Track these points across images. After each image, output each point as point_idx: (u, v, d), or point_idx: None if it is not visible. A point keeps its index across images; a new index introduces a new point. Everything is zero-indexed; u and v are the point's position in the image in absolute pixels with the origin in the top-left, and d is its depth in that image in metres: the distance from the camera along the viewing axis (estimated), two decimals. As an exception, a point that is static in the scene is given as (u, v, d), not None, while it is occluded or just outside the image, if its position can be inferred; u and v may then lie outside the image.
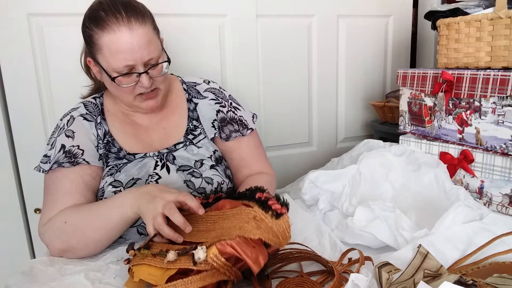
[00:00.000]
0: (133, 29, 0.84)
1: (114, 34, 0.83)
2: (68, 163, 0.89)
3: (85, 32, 0.89)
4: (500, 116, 0.93)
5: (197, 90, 1.07)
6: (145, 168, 0.94)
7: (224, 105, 1.06)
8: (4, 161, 1.26)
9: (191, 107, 1.05)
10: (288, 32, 1.53)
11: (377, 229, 0.83)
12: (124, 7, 0.86)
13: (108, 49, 0.85)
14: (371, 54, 1.70)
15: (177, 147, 1.00)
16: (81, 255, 0.84)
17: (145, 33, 0.86)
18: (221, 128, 1.05)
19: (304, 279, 0.72)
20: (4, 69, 1.21)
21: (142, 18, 0.87)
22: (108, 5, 0.86)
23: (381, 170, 1.03)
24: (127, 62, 0.85)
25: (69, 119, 0.95)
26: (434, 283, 0.56)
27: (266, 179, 1.04)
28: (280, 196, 0.70)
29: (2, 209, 1.28)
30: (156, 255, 0.67)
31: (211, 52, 1.43)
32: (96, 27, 0.85)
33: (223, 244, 0.63)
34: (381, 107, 1.61)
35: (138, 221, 0.91)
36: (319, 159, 1.66)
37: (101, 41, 0.85)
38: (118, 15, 0.84)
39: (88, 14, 0.89)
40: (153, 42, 0.88)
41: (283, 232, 0.66)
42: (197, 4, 1.38)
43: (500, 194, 0.95)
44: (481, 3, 1.09)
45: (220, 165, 1.02)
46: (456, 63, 1.09)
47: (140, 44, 0.85)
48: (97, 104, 0.99)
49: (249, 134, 1.07)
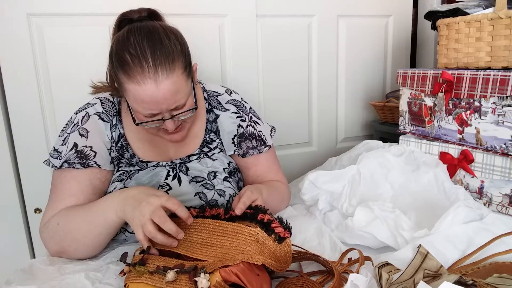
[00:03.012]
0: (159, 82, 0.78)
1: (139, 86, 0.78)
2: (79, 164, 0.87)
3: (111, 67, 0.83)
4: (500, 116, 0.93)
5: (218, 101, 1.02)
6: (156, 178, 0.92)
7: (245, 119, 1.03)
8: (4, 161, 1.26)
9: (210, 118, 1.01)
10: (288, 32, 1.53)
11: (377, 230, 0.83)
12: (151, 51, 0.78)
13: (133, 96, 0.80)
14: (371, 54, 1.70)
15: (191, 158, 0.97)
16: (76, 257, 0.83)
17: (172, 83, 0.79)
18: (239, 144, 1.02)
19: (304, 279, 0.72)
20: (4, 69, 1.21)
21: (171, 65, 0.79)
22: (135, 47, 0.78)
23: (381, 170, 1.03)
24: (151, 111, 0.81)
25: (84, 116, 0.91)
26: (434, 283, 0.56)
27: (284, 188, 1.05)
28: (283, 219, 0.69)
29: (2, 209, 1.28)
30: (153, 273, 0.66)
31: (211, 52, 1.43)
32: (122, 71, 0.79)
33: (228, 272, 0.61)
34: (381, 107, 1.61)
35: None
36: (319, 159, 1.66)
37: (126, 86, 0.80)
38: (145, 64, 0.77)
39: (115, 49, 0.82)
40: (180, 90, 0.81)
41: (284, 256, 0.66)
42: (197, 4, 1.38)
43: (500, 194, 0.95)
44: (481, 3, 1.09)
45: (233, 177, 0.99)
46: (456, 63, 1.09)
47: (166, 96, 0.79)
48: (114, 103, 0.95)
49: (266, 150, 1.04)
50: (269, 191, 0.93)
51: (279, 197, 1.02)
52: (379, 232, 0.83)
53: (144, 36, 0.80)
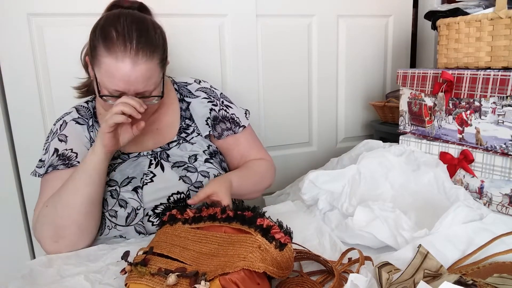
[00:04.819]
0: (137, 63, 0.83)
1: (116, 62, 0.82)
2: (62, 166, 0.91)
3: (92, 38, 0.87)
4: (500, 116, 0.93)
5: (188, 89, 1.07)
6: (139, 167, 0.94)
7: (216, 103, 1.06)
8: (4, 161, 1.26)
9: (183, 106, 1.05)
10: (288, 32, 1.53)
11: (377, 229, 0.83)
12: (137, 35, 0.84)
13: (105, 69, 0.84)
14: (371, 54, 1.70)
15: (171, 145, 1.00)
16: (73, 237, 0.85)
17: (147, 69, 0.85)
18: (213, 126, 1.05)
19: (304, 279, 0.72)
20: (4, 69, 1.21)
21: (151, 53, 0.85)
22: (123, 27, 0.84)
23: (381, 170, 1.03)
24: (118, 88, 0.85)
25: (61, 124, 0.97)
26: (434, 283, 0.56)
27: (265, 165, 1.07)
28: (283, 224, 0.69)
29: (2, 209, 1.28)
30: (154, 275, 0.66)
31: (211, 52, 1.43)
32: (103, 44, 0.83)
33: (227, 281, 0.61)
34: (381, 107, 1.61)
35: (136, 219, 0.91)
36: (319, 159, 1.66)
37: (102, 59, 0.84)
38: (128, 44, 0.82)
39: (101, 24, 0.86)
40: (152, 77, 0.87)
41: (286, 262, 0.66)
42: (197, 4, 1.38)
43: (500, 194, 0.95)
44: (481, 3, 1.09)
45: (214, 158, 1.02)
46: (456, 63, 1.09)
47: (138, 79, 0.84)
48: (89, 108, 1.00)
49: (242, 131, 1.08)
50: (242, 176, 0.98)
51: (258, 177, 1.05)
52: (379, 232, 0.83)
53: (133, 21, 0.86)
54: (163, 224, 0.81)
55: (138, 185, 0.92)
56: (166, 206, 0.93)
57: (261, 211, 0.72)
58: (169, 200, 0.93)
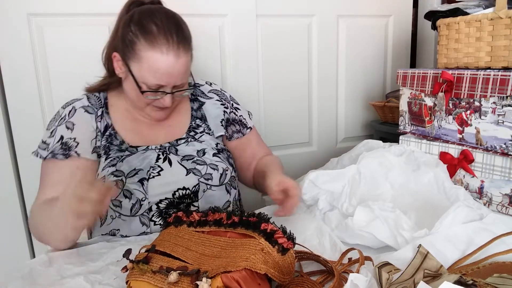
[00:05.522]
0: (179, 57, 0.87)
1: (161, 55, 0.85)
2: (61, 155, 0.91)
3: (126, 34, 0.88)
4: (500, 116, 0.93)
5: (201, 90, 1.10)
6: (147, 160, 0.95)
7: (227, 106, 1.10)
8: (4, 161, 1.26)
9: (194, 106, 1.07)
10: (288, 32, 1.53)
11: (377, 229, 0.83)
12: (176, 30, 0.88)
13: (148, 64, 0.86)
14: (371, 54, 1.70)
15: (179, 142, 1.01)
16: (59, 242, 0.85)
17: (186, 62, 0.89)
18: (226, 127, 1.09)
19: (304, 279, 0.72)
20: (4, 69, 1.21)
21: (188, 47, 0.90)
22: (161, 22, 0.87)
23: (381, 170, 1.03)
24: (161, 82, 0.88)
25: (71, 110, 0.96)
26: (434, 283, 0.56)
27: (276, 159, 1.13)
28: (286, 229, 0.69)
29: (2, 209, 1.28)
30: (156, 272, 0.66)
31: (211, 51, 1.43)
32: (144, 39, 0.85)
33: (229, 278, 0.61)
34: (381, 107, 1.61)
35: (141, 210, 0.91)
36: (319, 159, 1.66)
37: (143, 54, 0.86)
38: (170, 38, 0.86)
39: (137, 18, 0.88)
40: (188, 70, 0.92)
41: (287, 267, 0.66)
42: (197, 4, 1.38)
43: (500, 194, 0.95)
44: (481, 3, 1.09)
45: (222, 154, 1.03)
46: (456, 63, 1.09)
47: (180, 71, 0.88)
48: (100, 98, 1.00)
49: (249, 132, 1.12)
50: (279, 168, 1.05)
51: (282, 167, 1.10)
52: (379, 232, 0.83)
53: (167, 16, 0.89)
54: (167, 225, 0.81)
55: (144, 177, 0.92)
56: (170, 201, 0.93)
57: (266, 216, 0.72)
58: (174, 195, 0.94)
